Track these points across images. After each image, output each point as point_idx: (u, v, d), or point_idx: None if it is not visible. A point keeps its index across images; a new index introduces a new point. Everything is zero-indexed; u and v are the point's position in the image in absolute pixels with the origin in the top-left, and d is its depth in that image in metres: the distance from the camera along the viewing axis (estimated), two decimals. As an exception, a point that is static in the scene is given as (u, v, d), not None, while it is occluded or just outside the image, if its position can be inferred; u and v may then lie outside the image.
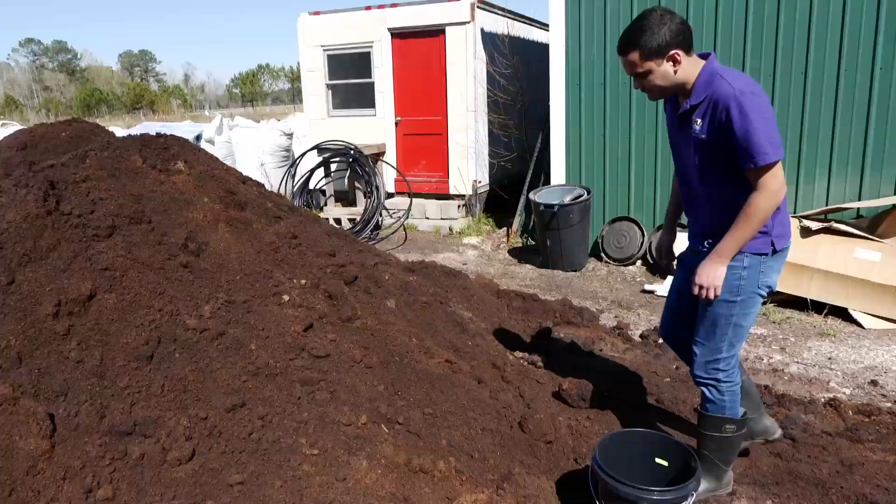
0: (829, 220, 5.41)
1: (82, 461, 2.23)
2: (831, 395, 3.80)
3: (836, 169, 5.99)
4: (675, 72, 2.40)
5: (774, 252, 2.49)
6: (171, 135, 3.88)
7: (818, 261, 5.14)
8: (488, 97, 9.21)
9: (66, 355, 2.49)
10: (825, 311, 5.14)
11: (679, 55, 2.37)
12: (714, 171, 2.48)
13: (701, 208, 2.63)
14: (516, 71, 9.18)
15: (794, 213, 6.10)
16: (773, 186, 2.30)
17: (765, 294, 2.56)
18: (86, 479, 2.19)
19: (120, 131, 4.65)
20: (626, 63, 2.45)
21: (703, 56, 2.45)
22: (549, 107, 7.40)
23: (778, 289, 5.18)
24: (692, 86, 2.43)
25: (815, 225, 5.31)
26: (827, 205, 6.03)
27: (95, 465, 2.24)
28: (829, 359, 4.39)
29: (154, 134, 3.82)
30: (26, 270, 2.65)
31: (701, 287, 2.51)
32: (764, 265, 2.50)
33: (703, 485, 2.73)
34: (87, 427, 2.33)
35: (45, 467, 2.16)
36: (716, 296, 2.50)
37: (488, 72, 9.13)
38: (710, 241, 2.56)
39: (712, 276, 2.47)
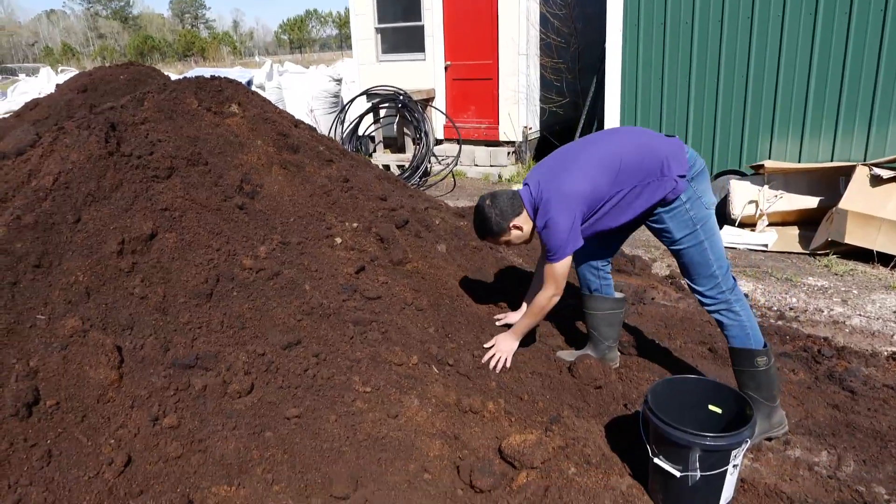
0: (902, 168, 5.13)
1: (148, 391, 2.34)
2: (895, 349, 3.67)
3: (911, 113, 5.65)
4: (523, 230, 2.87)
5: (692, 179, 2.72)
6: (224, 77, 3.90)
7: (888, 211, 4.90)
8: (540, 40, 8.94)
9: (131, 291, 2.59)
10: (892, 264, 4.93)
11: (517, 222, 2.83)
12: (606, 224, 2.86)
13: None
14: (570, 11, 8.86)
15: (865, 160, 5.81)
16: (550, 285, 2.90)
17: (711, 210, 2.79)
18: (152, 407, 2.29)
19: (173, 77, 4.68)
20: (488, 244, 2.91)
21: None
22: (604, 49, 7.15)
23: (844, 240, 5.01)
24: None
25: (886, 173, 5.04)
26: (899, 152, 5.72)
27: (161, 395, 2.34)
28: (895, 312, 4.24)
29: (208, 76, 3.84)
30: (91, 209, 2.73)
31: (496, 354, 3.07)
32: (696, 190, 2.73)
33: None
34: (153, 359, 2.43)
35: (114, 396, 2.27)
36: (505, 363, 3.07)
37: (541, 13, 8.84)
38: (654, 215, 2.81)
39: (506, 347, 3.09)
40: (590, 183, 2.69)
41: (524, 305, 3.27)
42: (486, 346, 3.14)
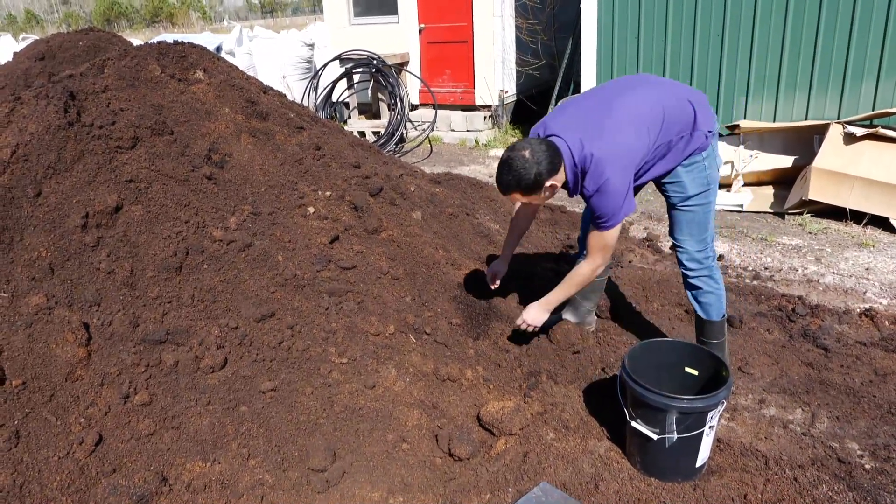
0: (876, 126, 5.14)
1: (118, 368, 2.29)
2: (867, 306, 3.72)
3: (886, 70, 5.64)
4: (554, 190, 2.51)
5: (710, 136, 2.62)
6: (188, 42, 3.76)
7: (861, 169, 4.92)
8: (516, 0, 8.78)
9: (97, 266, 2.52)
10: (864, 221, 4.97)
11: (554, 181, 2.46)
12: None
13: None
14: (546, -29, 8.69)
15: (839, 118, 5.83)
16: (598, 255, 2.63)
17: (719, 173, 2.76)
18: (122, 385, 2.24)
19: (138, 44, 4.47)
20: (509, 198, 2.60)
21: (551, 135, 2.54)
22: (579, 9, 7.03)
23: (816, 198, 5.04)
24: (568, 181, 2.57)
25: (859, 131, 5.06)
26: (874, 109, 5.73)
27: (131, 371, 2.30)
28: (867, 269, 4.28)
29: (171, 42, 3.70)
30: (52, 182, 2.64)
31: (525, 323, 2.84)
32: (713, 149, 2.66)
33: None
34: (122, 335, 2.38)
35: (82, 374, 2.22)
36: (534, 328, 2.87)
37: (516, -27, 8.66)
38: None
39: (537, 318, 2.83)
40: (643, 138, 2.44)
41: (505, 250, 3.09)
42: (517, 322, 2.89)
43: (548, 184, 2.45)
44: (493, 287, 3.16)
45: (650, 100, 2.49)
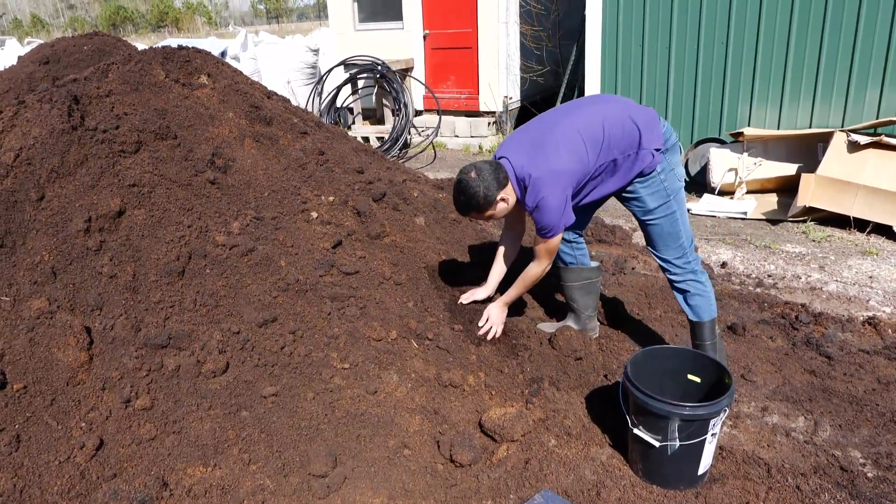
0: (880, 134, 5.14)
1: (120, 372, 2.29)
2: (870, 314, 3.71)
3: (890, 78, 5.64)
4: (508, 203, 2.73)
5: (665, 151, 2.72)
6: (192, 47, 3.77)
7: (864, 177, 4.91)
8: (520, 6, 8.80)
9: (100, 270, 2.52)
10: (868, 229, 4.96)
11: (503, 195, 2.68)
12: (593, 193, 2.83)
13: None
14: (550, -22, 8.71)
15: (843, 126, 5.82)
16: (544, 259, 2.84)
17: (682, 183, 2.82)
18: (124, 389, 2.25)
19: (144, 48, 4.48)
20: (470, 218, 2.85)
21: (499, 158, 2.76)
22: (584, 16, 7.04)
23: (819, 206, 5.03)
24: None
25: (863, 139, 5.05)
26: (878, 117, 5.72)
27: (133, 376, 2.30)
28: (870, 277, 4.27)
29: (176, 46, 3.72)
30: (55, 186, 2.65)
31: (490, 324, 3.07)
32: (670, 162, 2.74)
33: None
34: (124, 340, 2.38)
35: (84, 378, 2.22)
36: (495, 335, 3.07)
37: (520, -21, 8.68)
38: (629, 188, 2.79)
39: (499, 318, 3.09)
40: (578, 159, 2.62)
41: (491, 279, 3.18)
42: (479, 323, 3.09)
43: (498, 197, 2.67)
44: (462, 300, 3.23)
45: (592, 119, 2.66)
